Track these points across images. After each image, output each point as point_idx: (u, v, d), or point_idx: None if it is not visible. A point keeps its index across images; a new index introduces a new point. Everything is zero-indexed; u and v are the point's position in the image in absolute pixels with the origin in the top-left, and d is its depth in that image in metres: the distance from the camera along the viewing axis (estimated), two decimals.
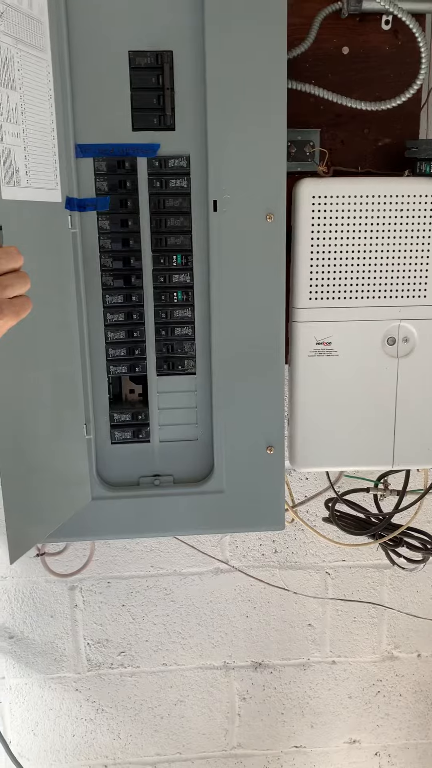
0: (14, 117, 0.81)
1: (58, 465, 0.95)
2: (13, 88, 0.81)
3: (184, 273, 0.96)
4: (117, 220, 0.94)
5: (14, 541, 0.87)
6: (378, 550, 1.40)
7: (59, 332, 0.93)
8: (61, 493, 0.96)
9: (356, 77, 1.06)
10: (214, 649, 1.63)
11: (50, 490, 0.94)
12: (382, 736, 1.72)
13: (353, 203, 0.97)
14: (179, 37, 0.89)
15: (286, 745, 1.71)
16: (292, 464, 1.08)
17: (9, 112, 0.80)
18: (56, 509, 0.96)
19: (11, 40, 0.80)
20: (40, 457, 0.92)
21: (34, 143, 0.85)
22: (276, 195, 0.92)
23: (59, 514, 0.96)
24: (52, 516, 0.95)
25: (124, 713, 1.66)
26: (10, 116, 0.81)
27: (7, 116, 0.80)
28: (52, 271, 0.91)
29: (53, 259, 0.90)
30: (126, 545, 1.54)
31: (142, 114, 0.90)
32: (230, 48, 0.88)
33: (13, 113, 0.81)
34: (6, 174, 0.80)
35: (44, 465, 0.92)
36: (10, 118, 0.81)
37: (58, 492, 0.96)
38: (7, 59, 0.80)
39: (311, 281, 0.99)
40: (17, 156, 0.82)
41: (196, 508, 1.03)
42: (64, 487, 0.97)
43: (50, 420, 0.93)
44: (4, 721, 1.64)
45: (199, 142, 0.91)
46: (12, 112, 0.81)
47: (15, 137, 0.81)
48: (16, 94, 0.81)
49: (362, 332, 1.01)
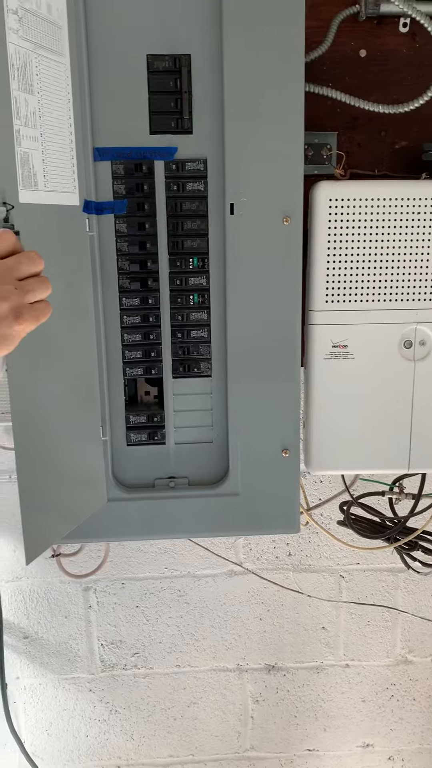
0: (32, 121, 0.82)
1: (74, 466, 0.96)
2: (31, 92, 0.81)
3: (201, 276, 0.96)
4: (134, 223, 0.94)
5: (30, 541, 0.87)
6: (393, 553, 1.40)
7: (76, 334, 0.93)
8: (77, 495, 0.97)
9: (373, 80, 1.06)
10: (227, 652, 1.63)
11: (66, 491, 0.95)
12: (395, 740, 1.71)
13: (370, 206, 0.97)
14: (197, 40, 0.89)
15: (299, 749, 1.71)
16: (308, 467, 1.07)
17: (27, 117, 0.81)
18: (72, 510, 0.96)
19: (30, 45, 0.80)
20: (57, 458, 0.92)
21: (52, 147, 0.85)
22: (293, 198, 0.92)
23: (75, 515, 0.96)
24: (68, 517, 0.95)
25: (137, 714, 1.66)
26: (28, 120, 0.81)
27: (25, 120, 0.81)
28: (70, 273, 0.91)
29: (71, 261, 0.91)
30: (140, 547, 1.54)
31: (160, 117, 0.91)
32: (248, 51, 0.88)
33: (32, 117, 0.81)
34: (24, 178, 0.81)
35: (61, 466, 0.93)
36: (28, 122, 0.81)
37: (74, 493, 0.96)
38: (26, 64, 0.80)
39: (327, 284, 0.99)
40: (35, 160, 0.82)
41: (210, 510, 1.03)
42: (80, 488, 0.97)
43: (67, 421, 0.93)
44: (19, 720, 1.65)
45: (217, 145, 0.91)
46: (30, 117, 0.81)
47: (33, 141, 0.82)
48: (34, 99, 0.82)
49: (378, 335, 1.01)
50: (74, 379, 0.94)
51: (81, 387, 0.95)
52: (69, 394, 0.93)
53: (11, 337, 0.66)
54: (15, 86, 0.79)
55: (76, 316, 0.93)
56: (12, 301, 0.65)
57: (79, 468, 0.97)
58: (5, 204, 0.78)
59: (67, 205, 0.89)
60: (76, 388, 0.94)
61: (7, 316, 0.65)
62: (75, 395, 0.94)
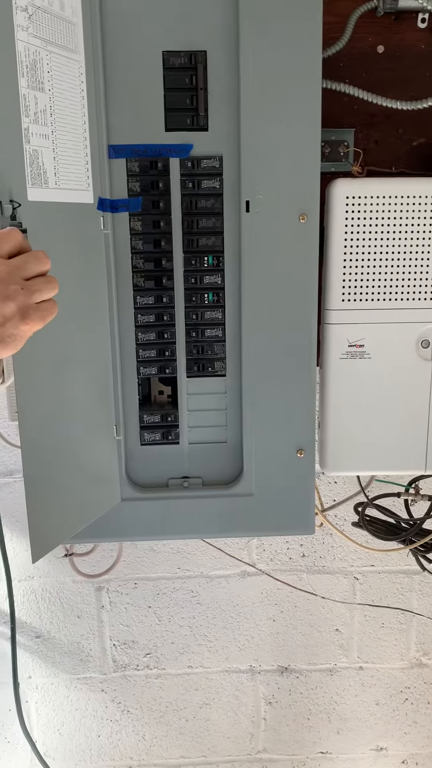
0: (43, 119, 0.81)
1: (87, 465, 0.95)
2: (42, 90, 0.81)
3: (216, 274, 0.95)
4: (149, 221, 0.93)
5: (36, 540, 0.87)
6: (408, 555, 1.38)
7: (91, 333, 0.93)
8: (90, 494, 0.96)
9: (391, 76, 1.05)
10: (240, 653, 1.62)
11: (78, 490, 0.94)
12: (409, 744, 1.70)
13: (387, 204, 0.96)
14: (213, 36, 0.88)
15: (311, 751, 1.70)
16: (323, 468, 1.06)
17: (37, 114, 0.80)
18: (84, 509, 0.96)
19: (40, 42, 0.80)
20: (69, 457, 0.92)
21: (64, 144, 0.84)
22: (309, 195, 0.91)
23: (87, 514, 0.96)
24: (79, 516, 0.95)
25: (149, 715, 1.66)
26: (38, 118, 0.81)
27: (34, 118, 0.80)
28: (85, 272, 0.91)
29: (85, 260, 0.90)
30: (153, 547, 1.54)
31: (175, 114, 0.90)
32: (265, 47, 0.87)
33: (42, 115, 0.81)
34: (33, 175, 0.80)
35: (73, 465, 0.92)
36: (38, 120, 0.81)
37: (86, 492, 0.96)
38: (36, 61, 0.80)
39: (344, 282, 0.98)
40: (45, 157, 0.82)
41: (224, 510, 1.02)
42: (93, 487, 0.97)
43: (81, 421, 0.93)
44: (31, 720, 1.65)
45: (233, 142, 0.91)
46: (41, 114, 0.81)
47: (43, 139, 0.82)
48: (45, 96, 0.81)
49: (395, 334, 1.00)
50: (88, 378, 0.93)
51: (95, 386, 0.95)
52: (83, 393, 0.92)
53: (18, 338, 0.66)
54: (24, 84, 0.78)
55: (90, 315, 0.92)
56: (19, 302, 0.65)
57: (93, 467, 0.96)
58: (12, 202, 0.78)
59: (81, 203, 0.88)
60: (90, 386, 0.94)
61: (13, 316, 0.65)
62: (89, 394, 0.94)
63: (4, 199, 0.78)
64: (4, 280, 0.65)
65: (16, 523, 1.50)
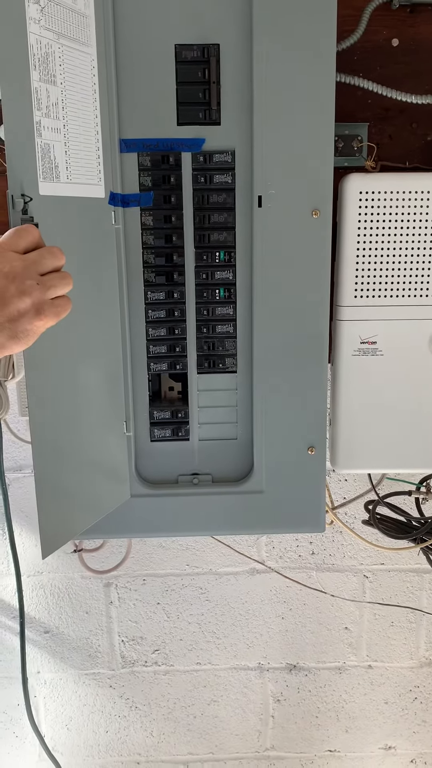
0: (54, 112, 0.81)
1: (97, 462, 0.95)
2: (54, 83, 0.80)
3: (227, 270, 0.95)
4: (160, 216, 0.93)
5: (47, 536, 0.86)
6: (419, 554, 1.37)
7: (101, 328, 0.92)
8: (100, 490, 0.96)
9: (406, 70, 1.04)
10: (248, 650, 1.61)
11: (88, 486, 0.94)
12: (418, 743, 1.69)
13: (401, 199, 0.95)
14: (226, 29, 0.87)
15: (319, 749, 1.69)
16: (334, 466, 1.05)
17: (49, 108, 0.80)
18: (93, 505, 0.95)
19: (53, 35, 0.79)
20: (79, 453, 0.91)
21: (76, 138, 0.84)
22: (322, 190, 0.90)
23: (96, 510, 0.96)
24: (88, 512, 0.95)
25: (157, 711, 1.66)
26: (50, 111, 0.80)
27: (46, 111, 0.80)
28: (95, 267, 0.90)
29: (96, 255, 0.90)
30: (162, 543, 1.53)
31: (188, 108, 0.89)
32: (278, 40, 0.86)
33: (54, 108, 0.80)
34: (44, 169, 0.80)
35: (83, 461, 0.92)
36: (49, 113, 0.80)
37: (96, 488, 0.95)
38: (48, 54, 0.79)
39: (356, 279, 0.97)
40: (57, 151, 0.81)
41: (234, 508, 1.01)
42: (103, 483, 0.96)
43: (91, 416, 0.92)
44: (39, 715, 1.65)
45: (245, 136, 0.90)
46: (52, 108, 0.80)
47: (55, 132, 0.81)
48: (56, 89, 0.81)
49: (408, 331, 0.99)
50: (99, 374, 0.93)
51: (105, 382, 0.94)
52: (93, 389, 0.92)
53: (31, 333, 0.66)
54: (36, 77, 0.78)
55: (101, 310, 0.92)
56: (34, 297, 0.65)
57: (103, 463, 0.96)
58: (23, 196, 0.77)
59: (92, 197, 0.88)
60: (101, 382, 0.93)
61: (28, 311, 0.65)
62: (99, 390, 0.93)
63: (16, 193, 0.77)
64: (20, 275, 0.65)
65: (25, 518, 1.50)
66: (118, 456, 0.98)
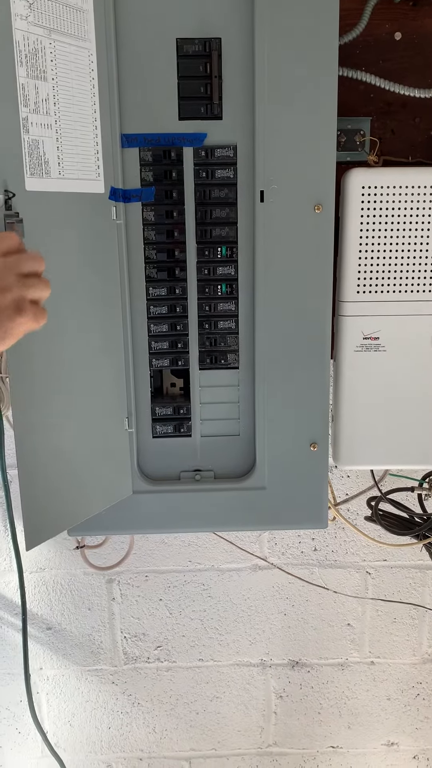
0: (44, 108, 0.80)
1: (99, 457, 0.94)
2: (44, 79, 0.80)
3: (229, 265, 0.94)
4: (162, 211, 0.92)
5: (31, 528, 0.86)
6: (421, 550, 1.37)
7: (103, 324, 0.92)
8: (100, 485, 0.96)
9: (408, 64, 1.03)
10: (251, 646, 1.61)
11: (90, 480, 0.94)
12: (420, 739, 1.69)
13: (404, 194, 0.94)
14: (228, 23, 0.87)
15: (322, 745, 1.69)
16: (336, 462, 1.05)
17: (38, 104, 0.79)
18: (95, 500, 0.95)
19: (42, 31, 0.79)
20: (81, 448, 0.91)
21: (70, 134, 0.83)
22: (325, 185, 0.90)
23: (97, 504, 0.95)
24: (88, 506, 0.94)
25: (159, 707, 1.66)
26: (39, 107, 0.80)
27: (35, 107, 0.79)
28: (97, 262, 0.90)
29: (97, 250, 0.90)
30: (164, 539, 1.53)
31: (189, 103, 0.89)
32: (280, 34, 0.86)
33: (43, 104, 0.80)
34: (32, 165, 0.80)
35: (83, 456, 0.92)
36: (38, 109, 0.80)
37: (97, 483, 0.95)
38: (37, 50, 0.78)
39: (359, 274, 0.97)
40: (47, 147, 0.81)
41: (237, 504, 1.01)
42: (103, 478, 0.96)
43: (93, 413, 0.92)
44: (42, 711, 1.65)
45: (247, 131, 0.89)
46: (42, 104, 0.80)
47: (45, 128, 0.80)
48: (47, 85, 0.80)
49: (411, 327, 0.98)
50: (100, 370, 0.92)
51: (107, 378, 0.94)
52: (95, 385, 0.92)
53: (10, 332, 0.66)
54: (23, 73, 0.77)
55: (102, 306, 0.91)
56: (14, 293, 0.66)
57: (103, 458, 0.95)
58: (6, 192, 0.77)
59: (93, 192, 0.87)
60: (102, 378, 0.93)
61: (8, 307, 0.65)
62: (101, 386, 0.93)
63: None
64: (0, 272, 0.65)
65: None
66: (120, 452, 0.98)
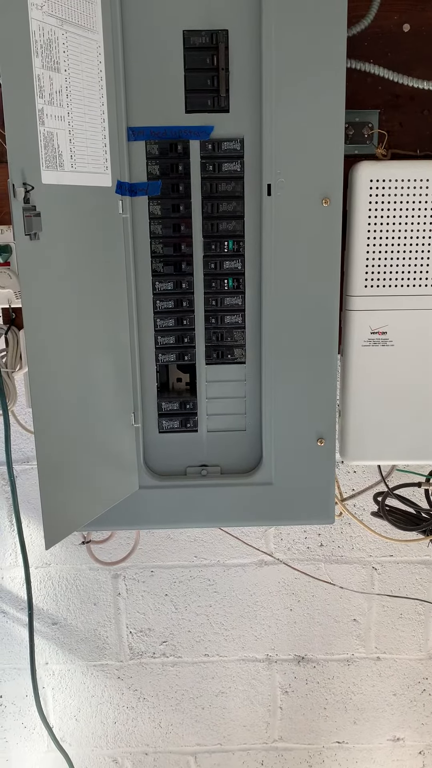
0: (58, 100, 0.80)
1: (105, 453, 0.94)
2: (58, 70, 0.79)
3: (236, 259, 0.94)
4: (168, 205, 0.92)
5: (50, 526, 0.86)
6: (428, 546, 1.37)
7: (109, 319, 0.92)
8: (108, 481, 0.95)
9: (417, 56, 1.02)
10: (256, 642, 1.61)
11: (97, 477, 0.94)
12: (426, 735, 1.69)
13: (412, 187, 0.93)
14: (235, 15, 0.86)
15: (327, 741, 1.69)
16: (343, 457, 1.05)
17: (52, 95, 0.79)
18: (101, 496, 0.95)
19: (56, 21, 0.78)
20: (88, 444, 0.91)
21: (81, 126, 0.83)
22: (332, 178, 0.89)
23: (104, 501, 0.95)
24: (96, 503, 0.94)
25: (165, 702, 1.66)
26: (54, 99, 0.79)
27: (49, 99, 0.78)
28: (103, 256, 0.89)
29: (103, 244, 0.89)
30: (170, 535, 1.53)
31: (196, 96, 0.88)
32: (288, 26, 0.85)
33: (57, 96, 0.79)
34: (48, 158, 0.79)
35: (91, 452, 0.92)
36: (53, 101, 0.79)
37: (104, 479, 0.95)
38: (51, 41, 0.78)
39: (367, 268, 0.96)
40: (61, 139, 0.80)
41: (243, 499, 1.01)
42: (111, 474, 0.96)
43: (99, 407, 0.92)
44: (47, 706, 1.66)
45: (254, 124, 0.89)
46: (56, 95, 0.79)
47: (59, 120, 0.80)
48: (60, 77, 0.80)
49: (419, 321, 0.98)
50: (106, 365, 0.92)
51: (113, 373, 0.94)
52: (101, 380, 0.91)
53: None
54: (38, 64, 0.77)
55: (108, 300, 0.91)
56: None
57: (111, 455, 0.95)
58: (25, 185, 0.76)
59: (99, 186, 0.87)
60: (108, 373, 0.93)
61: None
62: (107, 381, 0.93)
63: (17, 182, 0.76)
64: None
65: (33, 510, 1.50)
66: (127, 447, 0.97)
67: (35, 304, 0.80)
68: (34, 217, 0.77)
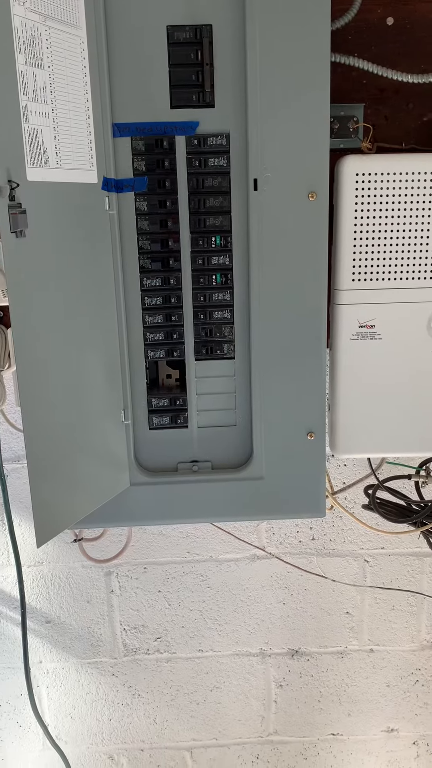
0: (42, 96, 0.79)
1: (95, 450, 0.94)
2: (41, 66, 0.79)
3: (223, 255, 0.94)
4: (155, 200, 0.91)
5: (41, 524, 0.86)
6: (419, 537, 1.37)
7: (97, 316, 0.91)
8: (99, 478, 0.95)
9: (401, 49, 1.02)
10: (250, 636, 1.62)
11: (87, 474, 0.93)
12: (420, 725, 1.70)
13: (398, 180, 0.94)
14: (219, 10, 0.86)
15: (322, 733, 1.70)
16: (333, 451, 1.05)
17: (36, 92, 0.78)
18: (92, 494, 0.95)
19: (39, 17, 0.78)
20: (78, 442, 0.91)
21: (66, 123, 0.83)
22: (318, 173, 0.89)
23: (95, 498, 0.95)
24: (87, 500, 0.94)
25: (160, 698, 1.66)
26: (38, 96, 0.79)
27: (33, 96, 0.78)
28: (90, 253, 0.89)
29: (90, 241, 0.89)
30: (162, 531, 1.53)
31: (181, 91, 0.88)
32: (272, 20, 0.85)
33: (41, 92, 0.79)
34: (32, 155, 0.79)
35: (81, 450, 0.91)
36: (37, 97, 0.79)
37: (95, 477, 0.95)
38: (34, 37, 0.77)
39: (354, 262, 0.96)
40: (46, 136, 0.80)
41: (234, 494, 1.01)
42: (102, 472, 0.96)
43: (88, 405, 0.92)
44: (42, 704, 1.66)
45: (240, 119, 0.88)
46: (40, 92, 0.79)
47: (43, 117, 0.80)
48: (44, 73, 0.79)
49: (407, 314, 0.98)
50: (95, 362, 0.92)
51: (102, 370, 0.93)
52: (90, 377, 0.91)
53: None
54: (22, 60, 0.77)
55: (96, 297, 0.91)
56: None
57: (101, 452, 0.95)
58: (10, 182, 0.76)
59: (85, 182, 0.87)
60: (97, 370, 0.93)
61: None
62: (96, 378, 0.92)
63: (2, 180, 0.76)
64: None
65: (24, 508, 1.49)
66: (117, 444, 0.97)
67: (23, 302, 0.79)
68: (20, 214, 0.77)
